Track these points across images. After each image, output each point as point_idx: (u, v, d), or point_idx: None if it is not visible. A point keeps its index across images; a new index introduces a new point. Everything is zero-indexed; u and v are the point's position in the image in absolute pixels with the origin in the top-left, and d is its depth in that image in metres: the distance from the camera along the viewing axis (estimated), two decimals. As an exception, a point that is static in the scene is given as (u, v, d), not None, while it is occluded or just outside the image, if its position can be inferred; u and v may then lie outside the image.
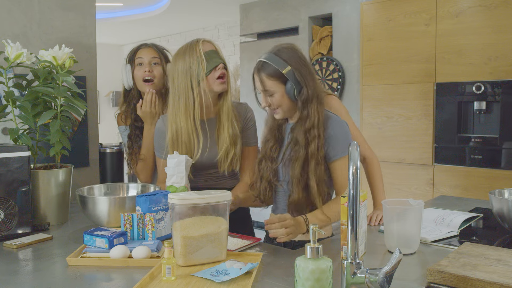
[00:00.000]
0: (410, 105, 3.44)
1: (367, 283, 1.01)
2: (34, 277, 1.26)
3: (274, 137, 1.70)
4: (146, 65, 2.10)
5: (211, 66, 1.73)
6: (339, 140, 1.58)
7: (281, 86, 1.58)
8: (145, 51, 2.12)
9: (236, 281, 1.17)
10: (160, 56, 2.12)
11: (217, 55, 1.78)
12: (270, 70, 1.57)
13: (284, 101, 1.60)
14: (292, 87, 1.56)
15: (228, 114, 1.83)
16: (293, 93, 1.57)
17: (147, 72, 2.08)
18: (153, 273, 1.21)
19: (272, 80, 1.57)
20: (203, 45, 1.76)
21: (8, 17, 2.04)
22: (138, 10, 6.09)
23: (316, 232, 1.02)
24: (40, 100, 1.77)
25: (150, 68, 2.09)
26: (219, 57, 1.79)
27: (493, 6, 3.06)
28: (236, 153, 1.85)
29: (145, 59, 2.10)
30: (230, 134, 1.82)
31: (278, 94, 1.59)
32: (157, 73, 2.10)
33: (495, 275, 1.10)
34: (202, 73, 1.72)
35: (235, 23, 6.40)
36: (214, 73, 1.74)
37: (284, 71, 1.55)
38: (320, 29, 4.58)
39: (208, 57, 1.73)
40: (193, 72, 1.73)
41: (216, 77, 1.75)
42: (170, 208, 1.30)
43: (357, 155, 1.03)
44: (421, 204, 1.40)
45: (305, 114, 1.58)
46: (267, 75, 1.57)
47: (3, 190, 1.58)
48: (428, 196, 3.34)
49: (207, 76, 1.74)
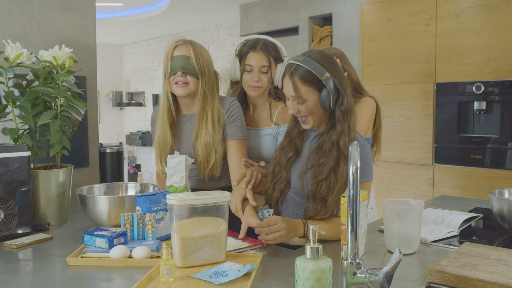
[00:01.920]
0: (410, 105, 3.44)
1: (367, 283, 1.01)
2: (34, 277, 1.26)
3: (293, 146, 1.61)
4: (255, 74, 1.98)
5: (172, 72, 1.85)
6: (364, 164, 1.46)
7: (316, 93, 1.47)
8: (254, 58, 1.98)
9: (235, 282, 1.16)
10: (269, 63, 1.99)
11: (186, 62, 1.83)
12: (306, 75, 1.46)
13: (316, 109, 1.50)
14: (329, 95, 1.46)
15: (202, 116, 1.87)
16: (329, 102, 1.47)
17: (254, 82, 1.98)
18: (151, 275, 1.21)
19: (307, 86, 1.46)
20: (177, 49, 1.85)
21: (8, 17, 2.04)
22: (138, 10, 6.09)
23: (316, 232, 1.02)
24: (40, 100, 1.77)
25: (258, 78, 1.98)
26: (188, 64, 1.83)
27: (493, 6, 3.06)
28: (216, 161, 1.86)
29: (254, 67, 1.98)
30: (207, 141, 1.85)
31: (311, 102, 1.48)
32: (265, 80, 2.00)
33: (495, 275, 1.10)
34: (167, 74, 1.86)
35: (235, 23, 6.40)
36: (174, 77, 1.85)
37: (323, 78, 1.45)
38: (320, 29, 4.58)
39: (173, 62, 1.84)
40: (164, 69, 1.88)
41: (175, 81, 1.85)
42: (169, 208, 1.30)
43: (357, 155, 1.04)
44: (421, 204, 1.40)
45: (346, 126, 1.48)
46: (301, 80, 1.46)
47: (3, 190, 1.58)
48: (428, 196, 3.34)
49: (169, 78, 1.86)
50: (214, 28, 7.07)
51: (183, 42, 1.86)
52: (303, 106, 1.49)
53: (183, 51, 1.84)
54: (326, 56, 1.50)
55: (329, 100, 1.47)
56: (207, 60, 1.88)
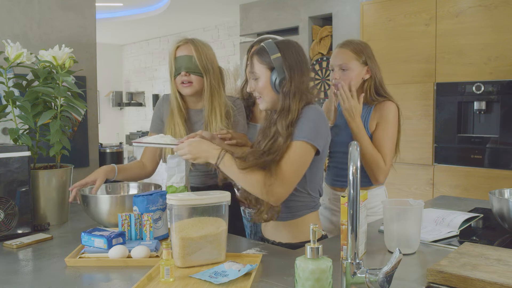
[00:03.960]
0: (410, 105, 3.43)
1: (367, 283, 1.01)
2: (34, 277, 1.26)
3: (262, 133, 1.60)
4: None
5: (176, 72, 1.89)
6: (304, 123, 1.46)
7: (267, 72, 1.51)
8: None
9: (235, 282, 1.16)
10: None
11: (189, 61, 1.86)
12: (260, 53, 1.52)
13: (266, 89, 1.53)
14: (275, 75, 1.49)
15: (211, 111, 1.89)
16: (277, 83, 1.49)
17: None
18: (151, 275, 1.21)
19: (260, 64, 1.52)
20: (180, 49, 1.89)
21: (8, 17, 2.04)
22: (138, 10, 6.09)
23: (316, 232, 1.02)
24: (40, 100, 1.77)
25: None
26: (191, 63, 1.86)
27: (493, 6, 3.06)
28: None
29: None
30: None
31: (262, 81, 1.52)
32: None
33: (495, 275, 1.10)
34: (172, 74, 1.91)
35: (235, 23, 6.40)
36: (179, 77, 1.89)
37: (273, 57, 1.48)
38: (320, 29, 4.58)
39: (176, 62, 1.88)
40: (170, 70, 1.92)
41: (180, 81, 1.89)
42: (169, 209, 1.30)
43: (357, 155, 1.03)
44: (421, 204, 1.40)
45: (287, 106, 1.48)
46: (257, 57, 1.52)
47: (3, 190, 1.58)
48: (428, 196, 3.34)
49: (175, 79, 1.90)
50: (214, 28, 7.07)
51: (184, 42, 1.89)
52: (257, 84, 1.53)
53: (185, 51, 1.87)
54: (288, 41, 1.54)
55: (275, 80, 1.49)
56: (210, 57, 1.90)
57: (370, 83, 1.92)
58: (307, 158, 1.46)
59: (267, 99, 1.54)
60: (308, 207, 1.58)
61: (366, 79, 1.91)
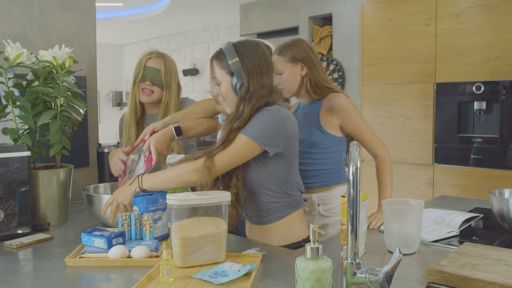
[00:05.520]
0: (410, 105, 3.44)
1: (367, 283, 1.01)
2: (34, 277, 1.26)
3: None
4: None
5: (142, 79, 2.08)
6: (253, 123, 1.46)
7: (228, 77, 1.50)
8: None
9: (235, 282, 1.16)
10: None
11: (156, 74, 2.06)
12: (219, 58, 1.50)
13: (229, 94, 1.51)
14: (235, 80, 1.48)
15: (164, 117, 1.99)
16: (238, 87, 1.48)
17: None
18: (151, 275, 1.21)
19: (220, 69, 1.50)
20: (150, 60, 2.09)
21: (8, 17, 2.04)
22: (138, 10, 6.09)
23: (316, 232, 1.02)
24: (40, 100, 1.77)
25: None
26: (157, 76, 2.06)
27: (493, 6, 3.06)
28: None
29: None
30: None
31: (224, 86, 1.51)
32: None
33: (495, 275, 1.10)
34: (137, 79, 2.09)
35: (235, 23, 6.40)
36: (143, 84, 2.09)
37: (231, 62, 1.47)
38: (320, 29, 4.58)
39: (145, 71, 2.08)
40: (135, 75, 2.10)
41: (142, 87, 2.09)
42: (169, 209, 1.30)
43: (357, 155, 1.03)
44: (421, 204, 1.40)
45: (240, 111, 1.47)
46: (217, 61, 1.51)
47: (3, 190, 1.58)
48: (428, 196, 3.34)
49: (138, 83, 2.09)
50: (214, 28, 7.07)
51: (156, 55, 2.10)
52: (220, 89, 1.52)
53: (155, 64, 2.08)
54: (246, 43, 1.52)
55: (235, 85, 1.48)
56: (174, 73, 2.13)
57: (307, 77, 1.92)
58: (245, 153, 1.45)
59: (231, 103, 1.54)
60: (290, 206, 1.58)
61: (305, 74, 1.92)
